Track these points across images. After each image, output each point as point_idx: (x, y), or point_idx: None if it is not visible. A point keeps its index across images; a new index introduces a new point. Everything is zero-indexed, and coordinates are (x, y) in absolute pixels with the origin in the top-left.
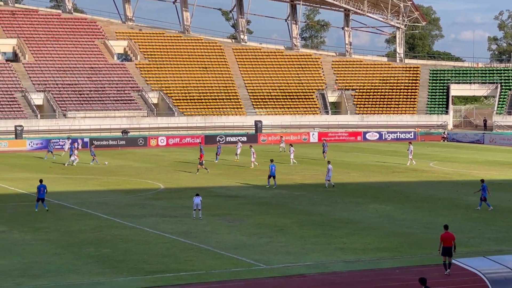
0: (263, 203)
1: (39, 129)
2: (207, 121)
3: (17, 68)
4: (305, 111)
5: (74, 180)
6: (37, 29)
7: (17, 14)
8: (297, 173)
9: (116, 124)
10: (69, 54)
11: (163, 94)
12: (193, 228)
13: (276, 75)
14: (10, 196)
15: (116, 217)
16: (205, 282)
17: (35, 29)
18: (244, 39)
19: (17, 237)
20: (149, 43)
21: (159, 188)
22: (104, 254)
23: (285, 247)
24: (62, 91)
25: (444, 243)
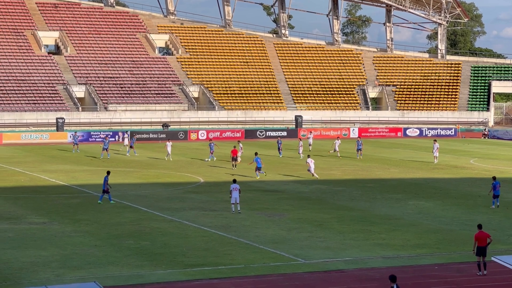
0: (302, 198)
1: (80, 122)
2: (247, 116)
3: (59, 60)
4: (345, 107)
5: (114, 173)
6: (79, 22)
7: (59, 7)
8: (337, 168)
9: (156, 118)
10: (111, 47)
11: (204, 88)
12: (232, 222)
13: (317, 70)
14: (51, 188)
15: (155, 210)
16: (243, 276)
17: (77, 22)
18: (285, 34)
19: (58, 228)
20: (190, 37)
21: (199, 181)
22: (143, 247)
23: (324, 242)
24: (103, 84)
25: (479, 242)
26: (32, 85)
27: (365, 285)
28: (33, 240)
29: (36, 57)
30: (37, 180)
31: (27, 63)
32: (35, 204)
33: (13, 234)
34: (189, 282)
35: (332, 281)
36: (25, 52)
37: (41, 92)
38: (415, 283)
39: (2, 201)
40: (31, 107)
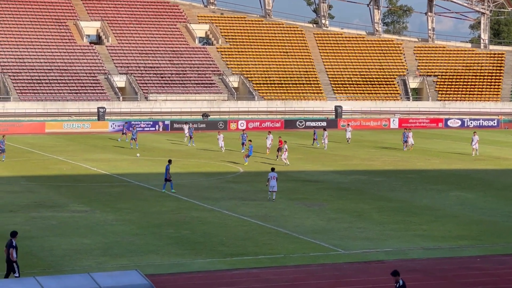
0: (342, 188)
1: (121, 111)
2: (287, 106)
3: (101, 50)
4: (385, 97)
5: (155, 162)
6: (120, 12)
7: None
8: (377, 159)
9: (196, 108)
10: (151, 37)
11: (244, 78)
12: (271, 212)
13: (357, 60)
14: (93, 176)
15: (195, 199)
16: (283, 266)
17: (118, 12)
18: (326, 24)
19: (99, 217)
20: (230, 27)
21: (239, 171)
22: (184, 236)
23: (364, 233)
24: (144, 74)
25: None
26: (74, 75)
27: (406, 276)
28: (76, 228)
29: (78, 47)
30: (79, 169)
31: (69, 53)
32: (77, 193)
33: (56, 222)
34: (229, 271)
35: (372, 272)
36: (67, 42)
37: (82, 81)
38: (456, 275)
39: (45, 189)
40: (73, 96)
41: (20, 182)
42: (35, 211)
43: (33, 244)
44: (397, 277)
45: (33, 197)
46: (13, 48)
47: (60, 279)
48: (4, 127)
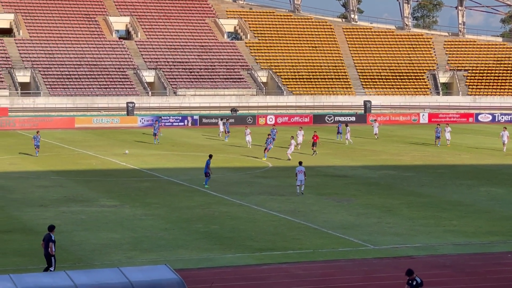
0: (371, 183)
1: (150, 106)
2: (316, 101)
3: (130, 45)
4: (415, 92)
5: (184, 157)
6: (149, 8)
7: None
8: (406, 154)
9: (225, 102)
10: (180, 32)
11: (272, 73)
12: (300, 207)
13: (386, 55)
14: (122, 171)
15: (224, 194)
16: (312, 261)
17: (147, 7)
18: (355, 18)
19: (128, 211)
20: (259, 21)
21: (268, 166)
22: (213, 231)
23: (393, 228)
24: (172, 69)
25: None
26: (104, 70)
27: (436, 272)
28: (105, 222)
29: (107, 42)
30: (108, 164)
31: (98, 48)
32: (106, 187)
33: (85, 217)
34: (258, 266)
35: (401, 267)
36: (97, 37)
37: (112, 76)
38: (487, 271)
39: (74, 184)
40: (103, 91)
41: (50, 177)
42: (65, 205)
43: (63, 238)
44: (413, 276)
45: (63, 191)
46: (43, 44)
47: (90, 273)
48: (35, 122)
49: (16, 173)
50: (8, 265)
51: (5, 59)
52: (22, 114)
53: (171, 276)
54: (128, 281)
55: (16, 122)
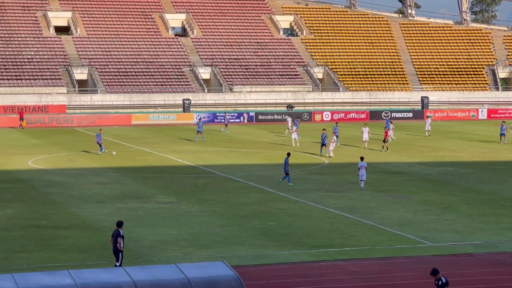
0: (429, 180)
1: (206, 103)
2: (372, 97)
3: (186, 42)
4: (473, 87)
5: (240, 154)
6: (205, 4)
7: None
8: (465, 150)
9: (281, 99)
10: (236, 29)
11: (329, 69)
12: (357, 204)
13: (444, 50)
14: (178, 168)
15: (280, 190)
16: (369, 258)
17: (203, 4)
18: (412, 13)
19: (185, 208)
20: (315, 18)
21: (324, 163)
22: (269, 227)
23: (451, 225)
24: (228, 66)
25: None
26: (160, 67)
27: (496, 270)
28: (162, 219)
29: (163, 39)
30: (165, 161)
31: (155, 46)
32: (163, 184)
33: (142, 213)
34: (315, 263)
35: (460, 265)
36: (153, 35)
37: (168, 73)
38: None
39: (131, 180)
40: (159, 88)
41: (108, 174)
42: (122, 202)
43: None
44: (438, 275)
45: (120, 188)
46: (100, 41)
47: (148, 270)
48: (92, 119)
49: (74, 169)
50: (67, 261)
51: (63, 56)
52: (80, 111)
53: (228, 272)
54: (185, 277)
55: (73, 119)
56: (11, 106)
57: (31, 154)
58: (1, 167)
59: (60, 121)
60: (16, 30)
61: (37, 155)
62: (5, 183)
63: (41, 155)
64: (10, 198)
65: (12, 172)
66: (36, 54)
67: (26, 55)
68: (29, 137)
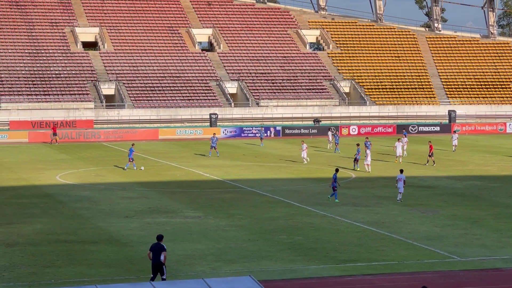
0: (457, 194)
1: (232, 117)
2: (399, 111)
3: (212, 57)
4: (501, 101)
5: (267, 168)
6: (232, 19)
7: (213, 5)
8: (493, 164)
9: (307, 113)
10: (262, 43)
11: (355, 83)
12: (385, 218)
13: (471, 64)
14: (206, 182)
15: (307, 205)
16: (397, 273)
17: (229, 19)
18: (438, 27)
19: (212, 222)
20: (341, 32)
21: (351, 177)
22: (296, 242)
23: (480, 240)
24: (255, 80)
25: None
26: (187, 82)
27: None
28: (189, 233)
29: (190, 54)
30: (192, 175)
31: (181, 60)
32: (190, 198)
33: (170, 227)
34: (343, 278)
35: (489, 280)
36: (180, 50)
37: (195, 88)
38: None
39: (159, 195)
40: (186, 103)
41: (135, 188)
42: (149, 216)
43: (148, 249)
44: None
45: (148, 203)
46: (127, 56)
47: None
48: (119, 134)
49: (102, 184)
50: (95, 276)
51: (91, 72)
52: (107, 126)
53: (255, 287)
54: None
55: (101, 134)
56: (39, 121)
57: (59, 169)
58: (29, 182)
59: (87, 136)
60: (44, 45)
61: (65, 170)
62: (33, 198)
63: (69, 170)
64: (38, 213)
65: (41, 187)
66: (64, 69)
67: (54, 70)
68: (57, 152)
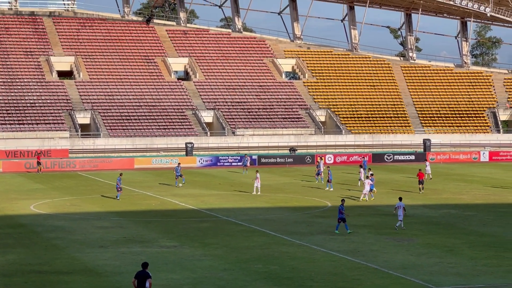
0: (432, 223)
1: (208, 146)
2: (375, 139)
3: (188, 86)
4: (475, 130)
5: (242, 197)
6: (208, 48)
7: (189, 34)
8: (467, 192)
9: (283, 142)
10: (238, 72)
11: (331, 112)
12: (360, 247)
13: (445, 93)
14: (181, 211)
15: (283, 234)
16: None
17: (205, 48)
18: (413, 56)
19: (188, 252)
20: (317, 61)
21: (326, 206)
22: (272, 271)
23: (455, 268)
24: (231, 109)
25: None
26: (163, 111)
27: None
28: (165, 263)
29: (166, 83)
30: (168, 204)
31: (157, 89)
32: (166, 228)
33: (145, 257)
34: None
35: None
36: (156, 79)
37: (170, 117)
38: None
39: (134, 224)
40: (162, 132)
41: (111, 218)
42: (124, 246)
43: (123, 279)
44: None
45: (123, 232)
46: (103, 85)
47: None
48: (94, 163)
49: (76, 214)
50: None
51: (66, 101)
52: (82, 155)
53: None
54: None
55: (76, 164)
56: (13, 151)
57: (33, 199)
58: (3, 212)
59: (62, 166)
60: (18, 74)
61: (39, 199)
62: (7, 228)
63: (43, 199)
64: (12, 243)
65: (14, 217)
66: (39, 98)
67: (29, 99)
68: (31, 181)
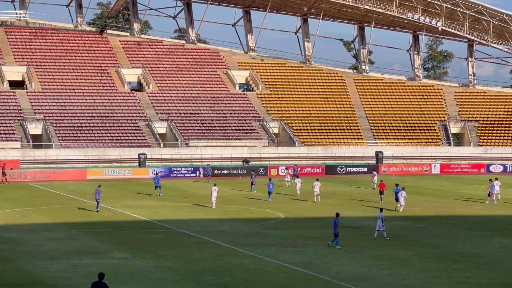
0: (383, 235)
1: (161, 158)
2: (328, 151)
3: (142, 97)
4: (426, 142)
5: (195, 208)
6: (161, 59)
7: (142, 45)
8: (418, 205)
9: (237, 153)
10: (192, 83)
11: (284, 124)
12: (312, 259)
13: (397, 105)
14: (133, 223)
15: (236, 246)
16: None
17: (159, 59)
18: (366, 69)
19: (140, 263)
20: (270, 73)
21: (279, 217)
22: (224, 283)
23: (406, 280)
24: (184, 120)
25: None
26: (116, 122)
27: None
28: (116, 275)
29: (119, 94)
30: (120, 215)
31: (110, 100)
32: (117, 239)
33: (96, 269)
34: None
35: None
36: (109, 89)
37: (123, 128)
38: None
39: (85, 236)
40: (114, 143)
41: (62, 229)
42: (76, 258)
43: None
44: None
45: (74, 244)
46: (55, 96)
47: None
48: (46, 174)
49: (27, 225)
50: None
51: (17, 111)
52: (34, 166)
53: None
54: None
55: (27, 174)
56: None
57: None
58: None
59: (13, 176)
60: None
61: None
62: None
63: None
64: None
65: None
66: None
67: None
68: None
